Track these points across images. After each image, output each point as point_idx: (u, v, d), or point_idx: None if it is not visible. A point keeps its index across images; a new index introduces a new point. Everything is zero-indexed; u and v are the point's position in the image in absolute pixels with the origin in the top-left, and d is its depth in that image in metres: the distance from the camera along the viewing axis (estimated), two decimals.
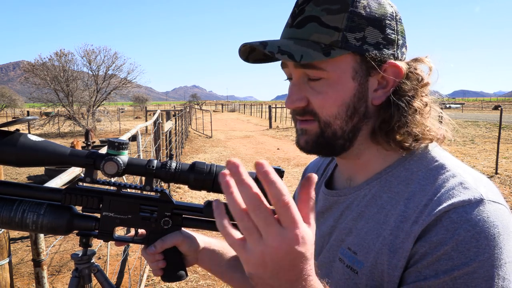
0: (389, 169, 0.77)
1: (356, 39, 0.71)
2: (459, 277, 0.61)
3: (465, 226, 0.62)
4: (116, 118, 28.75)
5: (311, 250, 0.53)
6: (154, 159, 0.84)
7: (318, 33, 0.71)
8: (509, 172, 8.48)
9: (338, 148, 0.78)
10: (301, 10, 0.74)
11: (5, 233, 1.55)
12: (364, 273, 0.72)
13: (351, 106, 0.74)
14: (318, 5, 0.72)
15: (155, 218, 0.87)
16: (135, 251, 4.58)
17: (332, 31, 0.71)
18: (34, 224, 0.82)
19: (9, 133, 0.79)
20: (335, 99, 0.74)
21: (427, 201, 0.68)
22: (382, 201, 0.75)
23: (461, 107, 50.33)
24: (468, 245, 0.61)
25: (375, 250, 0.71)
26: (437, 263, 0.63)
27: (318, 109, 0.75)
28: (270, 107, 24.70)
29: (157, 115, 6.48)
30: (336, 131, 0.75)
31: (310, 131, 0.77)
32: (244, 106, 60.09)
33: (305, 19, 0.73)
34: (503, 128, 16.28)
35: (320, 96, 0.74)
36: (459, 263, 0.61)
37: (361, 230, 0.76)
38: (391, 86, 0.75)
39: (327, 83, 0.74)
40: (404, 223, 0.69)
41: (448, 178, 0.70)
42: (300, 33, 0.73)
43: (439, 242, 0.63)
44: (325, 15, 0.71)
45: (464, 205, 0.64)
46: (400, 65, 0.74)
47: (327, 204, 0.88)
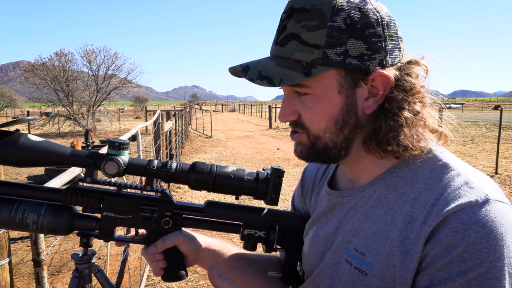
0: (393, 170, 0.77)
1: (337, 54, 0.70)
2: (473, 279, 0.62)
3: (474, 227, 0.63)
4: (116, 118, 28.73)
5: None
6: (155, 159, 0.84)
7: (299, 52, 0.72)
8: (509, 172, 8.48)
9: (333, 157, 0.79)
10: (284, 27, 0.74)
11: (5, 233, 1.55)
12: (374, 274, 0.72)
13: (339, 119, 0.74)
14: (298, 22, 0.72)
15: (155, 218, 0.87)
16: (135, 251, 4.58)
17: (312, 49, 0.71)
18: (34, 224, 0.82)
19: (9, 133, 0.79)
20: (323, 114, 0.74)
21: (434, 201, 0.68)
22: (388, 202, 0.75)
23: (461, 107, 50.32)
24: (479, 246, 0.62)
25: (386, 252, 0.71)
26: (450, 266, 0.64)
27: (308, 123, 0.76)
28: (270, 107, 24.68)
29: (157, 115, 6.48)
30: (327, 143, 0.76)
31: (302, 142, 0.79)
32: (244, 106, 60.09)
33: (287, 36, 0.73)
34: (503, 128, 16.28)
35: (308, 112, 0.75)
36: (472, 265, 0.62)
37: (368, 232, 0.76)
38: (381, 95, 0.74)
39: (314, 99, 0.74)
40: (412, 224, 0.69)
41: (453, 177, 0.70)
42: (283, 51, 0.74)
43: (449, 244, 0.64)
44: (304, 32, 0.71)
45: (472, 205, 0.65)
46: (387, 73, 0.72)
47: (331, 205, 0.87)
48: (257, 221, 0.91)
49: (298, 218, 0.97)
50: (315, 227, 0.90)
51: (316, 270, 0.86)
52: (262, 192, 0.85)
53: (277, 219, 0.93)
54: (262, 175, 0.86)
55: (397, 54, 0.75)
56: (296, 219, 0.97)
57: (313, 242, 0.89)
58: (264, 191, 0.85)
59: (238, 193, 0.86)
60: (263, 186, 0.85)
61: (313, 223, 0.91)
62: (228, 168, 0.86)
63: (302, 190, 1.07)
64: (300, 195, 1.07)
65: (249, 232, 0.90)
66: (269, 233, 0.91)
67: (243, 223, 0.90)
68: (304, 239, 0.94)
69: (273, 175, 0.85)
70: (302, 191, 1.07)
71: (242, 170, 0.86)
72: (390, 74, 0.72)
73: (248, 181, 0.85)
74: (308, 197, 1.03)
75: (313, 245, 0.89)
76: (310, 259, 0.89)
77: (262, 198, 0.86)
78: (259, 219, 0.91)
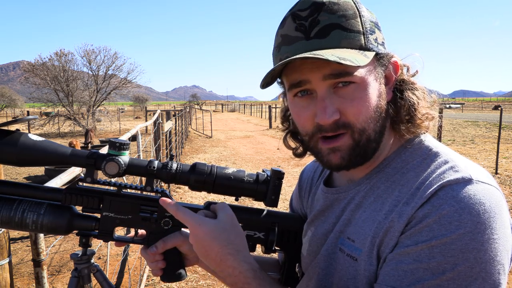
0: (386, 162, 0.80)
1: (374, 40, 0.74)
2: (436, 246, 0.63)
3: (450, 201, 0.65)
4: (116, 118, 28.74)
5: (211, 232, 0.78)
6: (155, 159, 0.84)
7: (346, 39, 0.71)
8: (509, 172, 8.48)
9: (371, 153, 0.77)
10: (313, 21, 0.72)
11: (5, 233, 1.55)
12: (362, 259, 0.73)
13: (379, 106, 0.75)
14: (333, 13, 0.72)
15: (155, 219, 0.87)
16: (135, 251, 4.58)
17: (358, 35, 0.72)
18: (34, 224, 0.82)
19: (10, 132, 0.79)
20: (369, 102, 0.73)
21: (418, 184, 0.70)
22: (379, 191, 0.77)
23: (461, 107, 50.33)
24: (450, 218, 0.63)
25: (371, 235, 0.73)
26: (419, 234, 0.66)
27: (354, 117, 0.73)
28: (270, 107, 24.67)
29: (157, 115, 6.48)
30: (370, 135, 0.75)
31: (343, 146, 0.75)
32: (244, 106, 60.05)
33: (326, 27, 0.71)
34: (503, 128, 16.28)
35: (354, 103, 0.72)
36: (438, 234, 0.63)
37: (359, 219, 0.78)
38: (393, 81, 0.79)
39: (358, 88, 0.72)
40: (396, 206, 0.71)
41: (441, 164, 0.72)
42: (327, 42, 0.71)
43: (424, 216, 0.66)
44: (344, 20, 0.71)
45: (451, 184, 0.67)
46: (398, 61, 0.79)
47: (328, 202, 0.88)
48: (257, 223, 0.91)
49: (297, 220, 0.98)
50: (313, 227, 0.90)
51: (311, 263, 0.87)
52: (262, 193, 0.85)
53: (277, 220, 0.93)
54: (262, 177, 0.86)
55: None
56: (295, 220, 0.97)
57: (311, 241, 0.89)
58: (264, 192, 0.85)
59: (238, 194, 0.86)
60: (263, 188, 0.85)
61: (311, 223, 0.92)
62: (229, 169, 0.86)
63: (300, 192, 1.07)
64: (298, 197, 1.07)
65: (249, 233, 0.90)
66: (268, 235, 0.91)
67: (243, 224, 0.90)
68: (303, 240, 0.94)
69: (273, 177, 0.85)
70: (300, 193, 1.07)
71: (242, 172, 0.86)
72: (399, 61, 0.79)
73: (248, 182, 0.85)
74: (305, 199, 1.03)
75: (312, 244, 0.89)
76: (309, 257, 0.89)
77: (262, 200, 0.86)
78: (259, 221, 0.91)
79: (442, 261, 0.62)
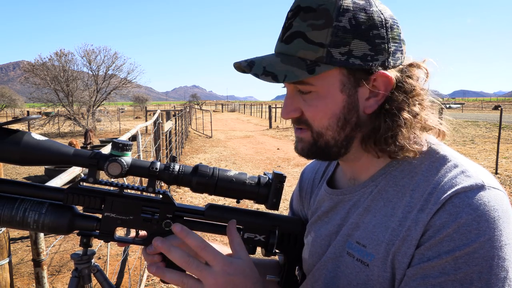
0: (393, 164, 0.79)
1: (341, 53, 0.71)
2: (460, 257, 0.64)
3: (467, 209, 0.65)
4: (116, 118, 28.73)
5: (244, 270, 0.76)
6: (157, 161, 0.84)
7: (304, 50, 0.72)
8: (509, 172, 8.48)
9: (334, 155, 0.80)
10: (289, 25, 0.75)
11: (5, 233, 1.55)
12: (375, 265, 0.73)
13: (341, 117, 0.76)
14: (304, 20, 0.73)
15: (156, 220, 0.87)
16: (135, 251, 4.58)
17: (317, 48, 0.72)
18: (35, 223, 0.82)
19: (13, 131, 0.79)
20: (325, 112, 0.76)
21: (431, 190, 0.70)
22: (388, 195, 0.77)
23: (461, 107, 50.33)
24: (470, 227, 0.64)
25: (385, 242, 0.73)
26: (440, 245, 0.66)
27: (310, 120, 0.78)
28: (270, 107, 24.68)
29: (157, 115, 6.48)
30: (328, 140, 0.78)
31: (305, 139, 0.80)
32: (244, 106, 60.06)
33: (293, 34, 0.74)
34: (503, 128, 16.28)
35: (311, 109, 0.77)
36: (460, 244, 0.64)
37: (369, 224, 0.77)
38: (382, 95, 0.75)
39: (317, 96, 0.76)
40: (410, 213, 0.71)
41: (451, 168, 0.72)
42: (288, 49, 0.75)
43: (442, 226, 0.66)
44: (310, 30, 0.72)
45: (466, 190, 0.67)
46: (389, 74, 0.74)
47: (332, 204, 0.88)
48: (257, 225, 0.91)
49: (298, 223, 0.98)
50: (317, 227, 0.90)
51: (316, 265, 0.87)
52: (263, 196, 0.85)
53: (277, 223, 0.93)
54: (263, 180, 0.86)
55: (399, 56, 0.76)
56: (296, 224, 0.97)
57: (315, 242, 0.89)
58: (266, 195, 0.85)
59: (239, 197, 0.86)
60: (265, 191, 0.85)
61: (314, 224, 0.92)
62: (230, 171, 0.86)
63: (301, 193, 1.07)
64: (298, 198, 1.07)
65: (249, 236, 0.91)
66: (268, 237, 0.91)
67: (243, 227, 0.90)
68: (305, 240, 0.94)
69: (275, 180, 0.86)
70: (300, 194, 1.07)
71: (244, 174, 0.86)
72: (391, 75, 0.74)
73: (250, 185, 0.85)
74: (306, 200, 1.03)
75: (315, 245, 0.89)
76: (313, 259, 0.89)
77: (263, 203, 0.86)
78: (259, 223, 0.91)
79: (468, 270, 0.63)
